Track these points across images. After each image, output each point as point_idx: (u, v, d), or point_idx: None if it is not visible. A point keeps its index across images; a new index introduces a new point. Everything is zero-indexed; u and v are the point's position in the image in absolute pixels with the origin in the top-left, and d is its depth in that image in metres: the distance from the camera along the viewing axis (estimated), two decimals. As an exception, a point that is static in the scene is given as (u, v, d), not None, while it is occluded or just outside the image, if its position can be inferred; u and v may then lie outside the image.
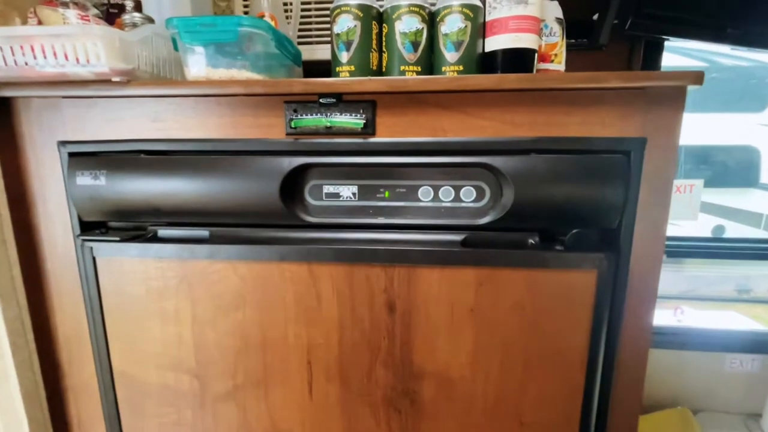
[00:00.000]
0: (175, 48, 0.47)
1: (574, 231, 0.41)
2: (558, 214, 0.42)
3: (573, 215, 0.42)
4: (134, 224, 0.50)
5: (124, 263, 0.47)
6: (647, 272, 0.43)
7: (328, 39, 0.51)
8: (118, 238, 0.47)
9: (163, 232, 0.49)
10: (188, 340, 0.48)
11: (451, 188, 0.44)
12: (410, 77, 0.46)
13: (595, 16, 0.66)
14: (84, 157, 0.46)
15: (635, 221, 0.42)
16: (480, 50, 0.51)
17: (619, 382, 0.45)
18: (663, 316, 1.31)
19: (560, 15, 0.60)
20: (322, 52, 0.68)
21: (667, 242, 1.11)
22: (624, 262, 0.42)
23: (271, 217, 0.45)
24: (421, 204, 0.45)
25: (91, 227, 0.49)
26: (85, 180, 0.46)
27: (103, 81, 0.42)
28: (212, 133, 0.45)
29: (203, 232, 0.48)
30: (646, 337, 0.44)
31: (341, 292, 0.45)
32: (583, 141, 0.41)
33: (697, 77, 0.37)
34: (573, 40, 0.71)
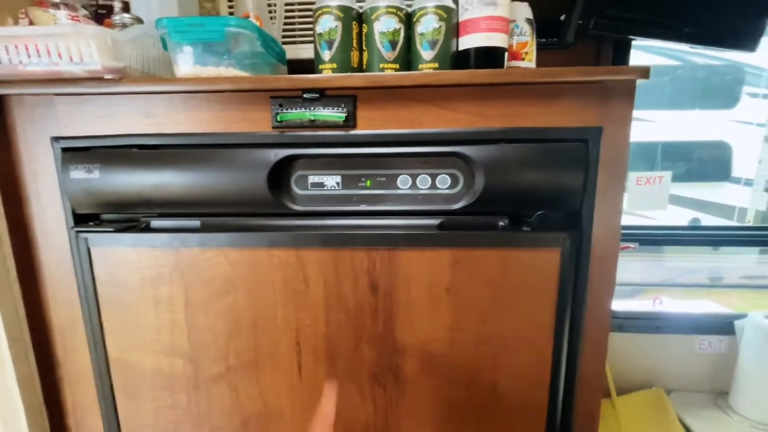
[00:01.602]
0: (165, 47, 0.49)
1: (539, 213, 0.45)
2: (525, 198, 0.46)
3: (538, 199, 0.46)
4: (127, 216, 0.52)
5: (118, 253, 0.49)
6: (607, 250, 0.47)
7: (312, 38, 0.54)
8: (112, 229, 0.49)
9: (155, 222, 0.51)
10: (182, 325, 0.51)
11: (427, 176, 0.47)
12: (388, 73, 0.49)
13: (563, 17, 0.70)
14: (77, 152, 0.48)
15: (595, 203, 0.46)
16: (454, 49, 0.55)
17: (585, 350, 0.49)
18: (643, 306, 1.37)
19: (530, 16, 0.64)
20: (306, 51, 0.71)
21: (647, 231, 1.16)
22: (586, 241, 0.46)
23: (259, 206, 0.48)
24: (400, 191, 0.48)
25: (84, 220, 0.51)
26: (78, 174, 0.48)
27: (96, 78, 0.44)
28: (202, 128, 0.47)
29: (195, 222, 0.50)
30: (607, 308, 0.48)
31: (327, 275, 0.48)
32: (547, 131, 0.45)
33: (644, 72, 0.41)
34: (544, 39, 0.76)
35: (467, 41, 0.54)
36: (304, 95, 0.45)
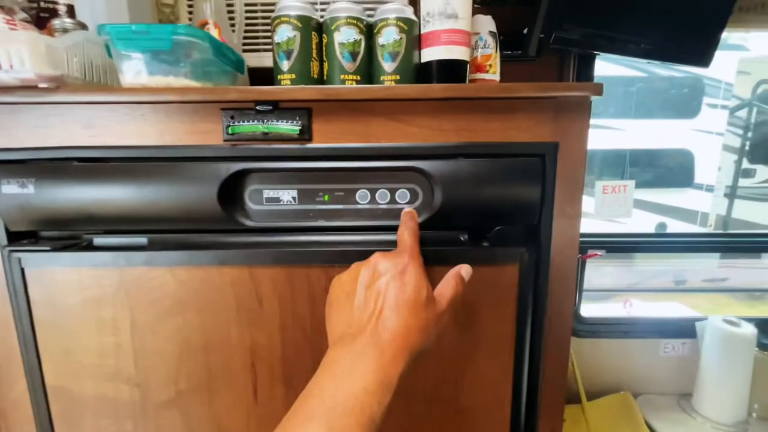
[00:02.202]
0: (110, 55, 0.46)
1: (497, 228, 0.45)
2: (483, 213, 0.45)
3: (497, 213, 0.45)
4: (68, 233, 0.49)
5: (56, 273, 0.46)
6: (566, 263, 0.47)
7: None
8: (48, 248, 0.45)
9: (98, 240, 0.48)
10: (127, 349, 0.47)
11: (386, 191, 0.46)
12: (343, 86, 0.48)
13: (525, 30, 0.72)
14: (10, 165, 0.45)
15: (553, 218, 0.46)
16: (416, 61, 0.54)
17: (546, 364, 0.49)
18: (614, 309, 1.41)
19: (494, 29, 0.64)
20: (269, 59, 0.69)
21: (616, 239, 1.19)
22: (545, 254, 0.46)
23: (210, 223, 0.46)
24: (359, 206, 0.47)
25: (19, 238, 0.47)
26: (11, 189, 0.44)
27: (29, 87, 0.41)
28: (148, 140, 0.45)
29: (141, 239, 0.48)
30: (567, 321, 0.48)
31: (282, 294, 0.46)
32: (504, 146, 0.45)
33: (597, 89, 0.42)
34: (509, 52, 0.77)
35: (429, 54, 0.54)
36: (257, 107, 0.44)
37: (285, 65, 0.52)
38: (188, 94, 0.42)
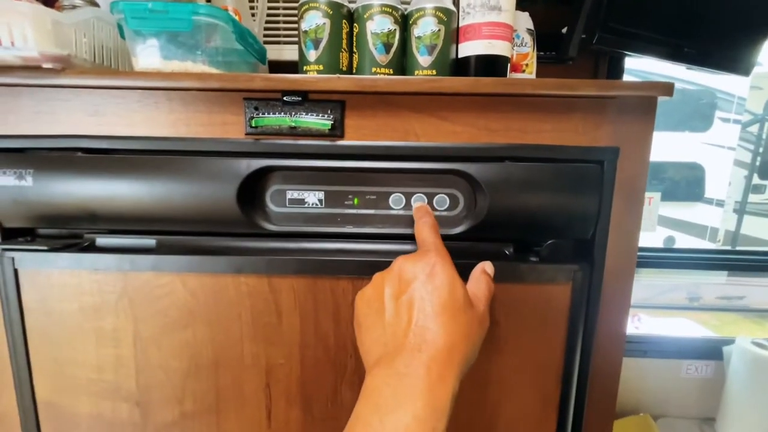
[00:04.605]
0: (122, 35, 0.42)
1: (550, 242, 0.40)
2: (532, 224, 0.41)
3: (547, 225, 0.41)
4: (68, 231, 0.44)
5: (52, 276, 0.41)
6: (620, 282, 0.42)
7: (297, 38, 0.48)
8: (45, 247, 0.41)
9: (102, 240, 0.43)
10: (129, 363, 0.43)
11: (423, 196, 0.42)
12: (382, 77, 0.44)
13: (564, 30, 0.67)
14: (7, 154, 0.40)
15: (609, 231, 0.41)
16: (453, 56, 0.50)
17: (593, 392, 0.43)
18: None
19: (531, 26, 0.60)
20: (290, 53, 0.65)
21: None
22: (598, 273, 0.41)
23: (227, 225, 0.41)
24: (393, 212, 0.42)
25: (14, 235, 0.43)
26: (7, 180, 0.40)
27: (32, 67, 0.37)
28: (161, 131, 0.40)
29: (149, 241, 0.43)
30: (619, 347, 0.43)
31: (304, 307, 0.41)
32: (557, 149, 0.40)
33: (667, 88, 0.37)
34: (542, 53, 0.72)
35: (468, 48, 0.49)
36: (284, 98, 0.39)
37: (312, 55, 0.48)
38: (208, 81, 0.38)
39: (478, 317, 0.33)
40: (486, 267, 0.37)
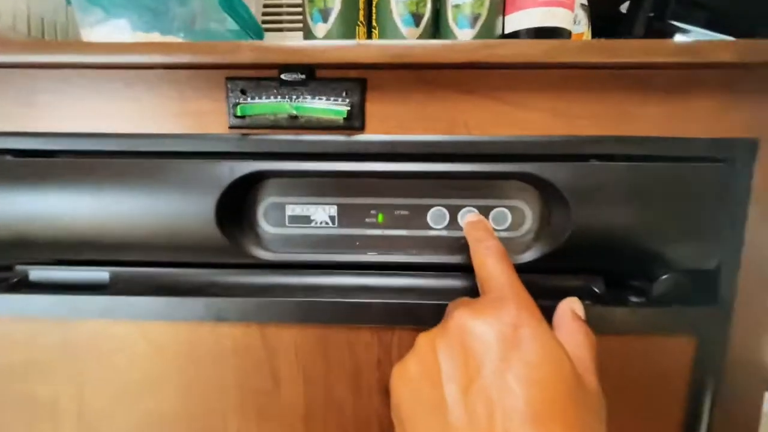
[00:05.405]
0: (68, 1, 0.32)
1: (667, 275, 0.27)
2: (634, 249, 0.28)
3: (654, 250, 0.29)
4: (-3, 262, 0.33)
5: (-31, 324, 0.30)
6: (758, 331, 0.29)
7: (302, 23, 0.38)
8: (-43, 286, 0.30)
9: (38, 273, 0.32)
10: (71, 443, 0.31)
11: (475, 209, 0.30)
12: (418, 42, 0.32)
13: (623, 6, 0.57)
14: None
15: (741, 259, 0.29)
16: (499, 30, 0.39)
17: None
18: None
19: (585, 1, 0.49)
20: (293, 40, 0.55)
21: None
22: (725, 318, 0.29)
23: (203, 253, 0.30)
24: (432, 233, 0.30)
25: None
26: None
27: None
28: (116, 126, 0.30)
29: (101, 274, 0.32)
30: (756, 409, 0.31)
31: (310, 369, 0.30)
32: (668, 143, 0.28)
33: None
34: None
35: (518, 20, 0.38)
36: (282, 76, 0.28)
37: (320, 30, 0.38)
38: (176, 53, 0.27)
39: (594, 399, 0.20)
40: (575, 307, 0.24)
